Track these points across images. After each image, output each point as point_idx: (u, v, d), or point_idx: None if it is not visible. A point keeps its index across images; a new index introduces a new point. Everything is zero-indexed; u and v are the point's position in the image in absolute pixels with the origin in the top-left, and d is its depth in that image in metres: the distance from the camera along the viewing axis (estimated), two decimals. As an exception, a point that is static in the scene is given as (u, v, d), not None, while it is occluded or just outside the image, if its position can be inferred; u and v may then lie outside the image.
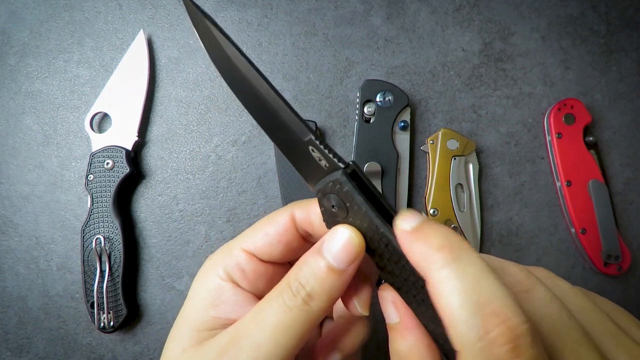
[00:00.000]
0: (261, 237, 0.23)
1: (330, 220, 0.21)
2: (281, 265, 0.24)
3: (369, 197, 0.19)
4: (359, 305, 0.21)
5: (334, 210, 0.20)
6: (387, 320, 0.20)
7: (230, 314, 0.21)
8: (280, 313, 0.19)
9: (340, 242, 0.19)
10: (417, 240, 0.17)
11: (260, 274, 0.23)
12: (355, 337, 0.24)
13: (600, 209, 0.43)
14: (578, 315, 0.18)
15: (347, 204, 0.19)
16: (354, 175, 0.19)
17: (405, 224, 0.17)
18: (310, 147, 0.20)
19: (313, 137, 0.20)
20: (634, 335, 0.19)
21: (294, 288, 0.19)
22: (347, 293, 0.21)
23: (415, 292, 0.19)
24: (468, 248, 0.16)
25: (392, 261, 0.19)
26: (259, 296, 0.22)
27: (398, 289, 0.20)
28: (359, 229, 0.19)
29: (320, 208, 0.21)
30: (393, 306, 0.20)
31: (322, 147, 0.19)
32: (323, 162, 0.20)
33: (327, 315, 0.26)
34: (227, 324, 0.21)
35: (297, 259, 0.21)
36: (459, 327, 0.15)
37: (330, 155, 0.19)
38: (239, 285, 0.22)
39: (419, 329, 0.19)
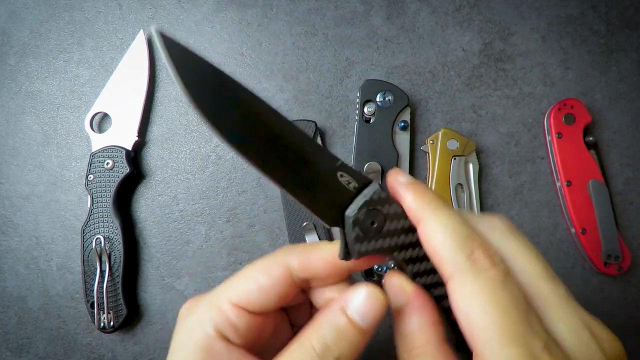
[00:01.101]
0: (254, 291, 0.22)
1: (355, 249, 0.21)
2: (271, 313, 0.23)
3: None
4: None
5: (373, 225, 0.20)
6: (394, 305, 0.21)
7: None
8: None
9: (368, 302, 0.20)
10: (414, 192, 0.20)
11: (252, 326, 0.22)
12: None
13: (600, 209, 0.43)
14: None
15: (385, 212, 0.20)
16: None
17: (401, 178, 0.21)
18: (339, 173, 0.20)
19: (342, 161, 0.20)
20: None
21: (319, 350, 0.19)
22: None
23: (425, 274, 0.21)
24: (448, 203, 0.21)
25: (412, 254, 0.21)
26: (249, 348, 0.22)
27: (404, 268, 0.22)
28: (396, 234, 0.21)
29: (352, 233, 0.20)
30: (400, 288, 0.21)
31: (349, 167, 0.20)
32: (352, 185, 0.20)
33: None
34: None
35: (289, 305, 0.22)
36: (451, 252, 0.19)
37: (357, 173, 0.20)
38: (229, 341, 0.22)
39: (425, 307, 0.20)
